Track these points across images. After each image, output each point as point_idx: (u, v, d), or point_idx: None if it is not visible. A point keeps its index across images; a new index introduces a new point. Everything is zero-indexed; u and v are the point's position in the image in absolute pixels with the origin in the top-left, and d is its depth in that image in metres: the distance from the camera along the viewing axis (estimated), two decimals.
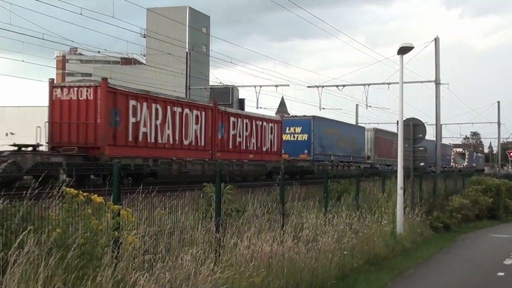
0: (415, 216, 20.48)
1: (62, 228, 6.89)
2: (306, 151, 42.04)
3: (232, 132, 32.36)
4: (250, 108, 48.82)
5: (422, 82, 45.04)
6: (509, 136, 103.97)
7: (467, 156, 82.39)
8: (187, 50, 62.44)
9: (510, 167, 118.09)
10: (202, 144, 29.71)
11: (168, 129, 27.07)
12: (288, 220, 12.87)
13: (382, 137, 56.22)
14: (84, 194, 7.20)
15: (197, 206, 11.13)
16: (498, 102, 73.55)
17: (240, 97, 56.77)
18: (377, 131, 56.09)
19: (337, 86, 47.99)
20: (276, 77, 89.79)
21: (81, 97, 23.73)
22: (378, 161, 54.60)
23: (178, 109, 27.81)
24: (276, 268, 10.37)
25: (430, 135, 56.91)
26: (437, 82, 41.59)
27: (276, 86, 50.24)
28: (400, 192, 18.67)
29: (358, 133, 52.86)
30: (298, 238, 12.17)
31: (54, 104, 24.08)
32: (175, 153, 27.54)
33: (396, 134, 30.77)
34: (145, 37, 71.07)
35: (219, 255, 9.76)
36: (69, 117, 23.81)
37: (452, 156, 79.49)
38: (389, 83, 43.67)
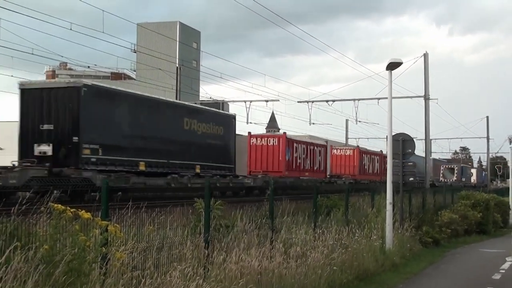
0: (404, 231, 20.50)
1: (49, 245, 6.85)
2: None
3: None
4: (240, 123, 48.78)
5: (411, 97, 45.20)
6: (498, 151, 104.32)
7: (456, 171, 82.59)
8: (177, 65, 62.52)
9: (499, 181, 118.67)
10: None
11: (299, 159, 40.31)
12: (277, 236, 12.85)
13: None
14: (72, 210, 7.16)
15: (187, 222, 11.10)
16: (487, 117, 74.02)
17: (230, 112, 56.78)
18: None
19: (327, 101, 48.07)
20: (266, 92, 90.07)
21: (269, 143, 38.05)
22: None
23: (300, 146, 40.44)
24: (265, 284, 10.35)
25: (420, 150, 57.23)
26: (426, 97, 41.78)
27: (267, 101, 50.35)
28: (389, 207, 18.68)
29: None
30: (287, 254, 12.14)
31: (251, 148, 37.97)
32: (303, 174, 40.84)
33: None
34: (135, 52, 71.03)
35: (208, 271, 9.72)
36: (261, 155, 37.75)
37: (442, 171, 79.72)
38: (378, 98, 43.85)
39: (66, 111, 23.29)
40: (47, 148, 22.81)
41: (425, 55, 41.48)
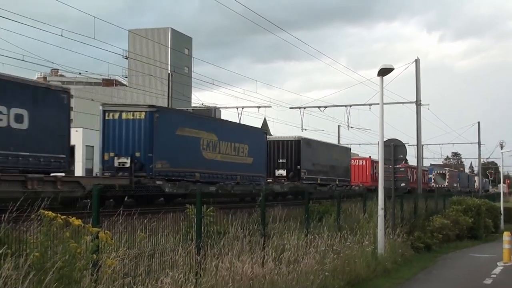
0: (396, 236, 20.53)
1: (40, 252, 6.83)
2: None
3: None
4: None
5: (403, 103, 45.36)
6: (489, 156, 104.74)
7: (447, 177, 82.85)
8: (169, 72, 62.49)
9: (490, 187, 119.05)
10: None
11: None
12: (269, 242, 12.86)
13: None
14: (62, 217, 7.15)
15: (178, 228, 11.09)
16: (478, 123, 74.30)
17: (222, 118, 56.77)
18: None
19: (319, 107, 48.20)
20: (258, 99, 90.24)
21: (360, 163, 56.85)
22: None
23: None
24: None
25: (411, 155, 57.49)
26: (418, 103, 41.95)
27: (259, 107, 50.42)
28: (381, 212, 18.71)
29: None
30: (279, 260, 12.15)
31: (353, 167, 54.33)
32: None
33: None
34: (127, 59, 70.96)
35: (200, 278, 9.71)
36: (354, 172, 54.51)
37: (433, 177, 80.00)
38: (370, 104, 43.94)
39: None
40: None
41: (417, 61, 41.66)
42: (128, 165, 27.05)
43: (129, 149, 27.46)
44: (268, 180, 37.70)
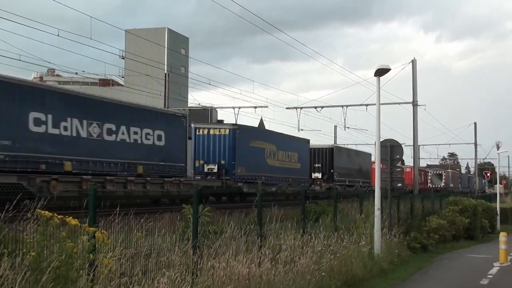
0: (392, 236, 20.54)
1: (36, 251, 6.81)
2: None
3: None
4: None
5: (399, 103, 45.34)
6: (485, 157, 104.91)
7: (444, 177, 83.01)
8: (165, 72, 62.45)
9: (487, 187, 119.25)
10: None
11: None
12: (266, 242, 12.85)
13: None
14: (59, 216, 7.13)
15: (175, 228, 11.07)
16: (475, 123, 74.39)
17: (218, 118, 56.83)
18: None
19: (315, 107, 48.11)
20: (255, 99, 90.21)
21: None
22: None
23: None
24: None
25: (408, 156, 57.58)
26: (415, 104, 41.94)
27: (255, 107, 50.32)
28: (377, 213, 18.72)
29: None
30: (276, 260, 12.14)
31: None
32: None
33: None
34: (123, 59, 70.87)
35: (196, 277, 9.70)
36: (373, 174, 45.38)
37: (430, 177, 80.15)
38: (367, 105, 43.94)
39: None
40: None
41: (413, 62, 41.66)
42: (215, 170, 34.51)
43: (216, 157, 34.99)
44: None
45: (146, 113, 29.26)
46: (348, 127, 51.05)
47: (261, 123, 62.30)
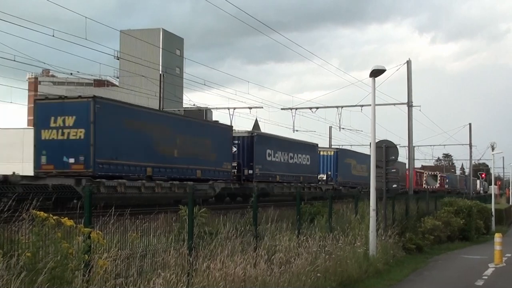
0: (388, 237, 20.56)
1: (32, 252, 6.79)
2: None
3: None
4: None
5: (394, 104, 45.32)
6: (480, 158, 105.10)
7: (439, 178, 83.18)
8: (160, 72, 62.35)
9: (481, 189, 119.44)
10: None
11: None
12: (261, 243, 12.84)
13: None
14: (54, 217, 7.11)
15: (170, 229, 11.05)
16: (470, 124, 74.46)
17: (214, 119, 56.77)
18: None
19: (310, 108, 48.11)
20: (250, 100, 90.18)
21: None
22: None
23: None
24: None
25: (403, 157, 57.67)
26: (410, 105, 41.99)
27: (250, 108, 50.27)
28: (372, 213, 18.72)
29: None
30: (271, 261, 12.13)
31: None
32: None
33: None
34: (118, 59, 70.83)
35: (192, 278, 9.69)
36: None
37: (425, 178, 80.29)
38: (362, 105, 43.93)
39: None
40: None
41: (408, 63, 41.72)
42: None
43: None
44: None
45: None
46: (343, 128, 51.09)
47: (256, 124, 62.28)
